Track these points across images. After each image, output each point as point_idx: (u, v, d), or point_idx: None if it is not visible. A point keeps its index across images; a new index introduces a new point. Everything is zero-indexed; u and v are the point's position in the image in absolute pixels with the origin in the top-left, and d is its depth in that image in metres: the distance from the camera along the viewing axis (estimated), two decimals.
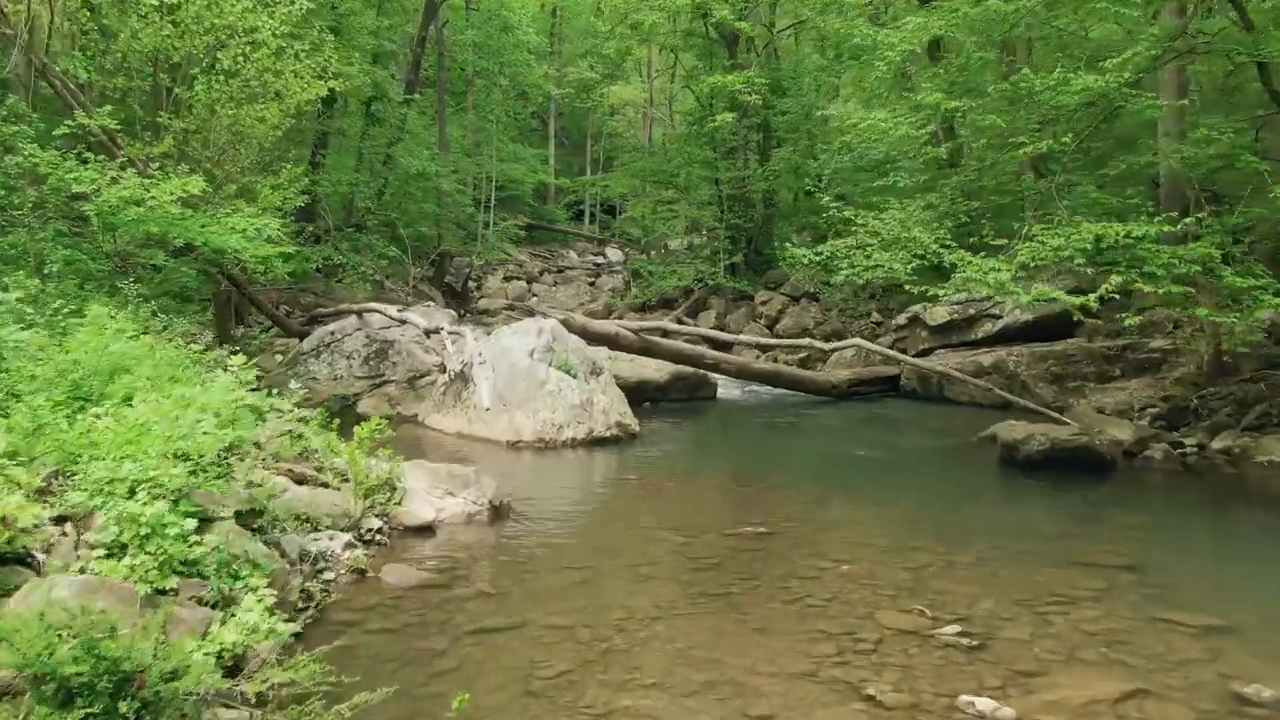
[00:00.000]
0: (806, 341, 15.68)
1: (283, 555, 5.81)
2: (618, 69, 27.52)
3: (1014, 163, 11.23)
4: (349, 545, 6.93)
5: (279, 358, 15.54)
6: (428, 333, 12.89)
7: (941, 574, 6.73)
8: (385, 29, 28.89)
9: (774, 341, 16.42)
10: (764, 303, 22.78)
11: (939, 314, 16.44)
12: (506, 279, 35.83)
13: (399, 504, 8.02)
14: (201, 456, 5.52)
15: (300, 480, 7.42)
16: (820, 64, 20.07)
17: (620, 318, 24.02)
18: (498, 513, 8.35)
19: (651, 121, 35.67)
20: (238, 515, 5.69)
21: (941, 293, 10.64)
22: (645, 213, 25.78)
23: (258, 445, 7.65)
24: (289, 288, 21.29)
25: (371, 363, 14.16)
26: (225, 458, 5.97)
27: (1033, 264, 9.39)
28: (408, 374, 14.06)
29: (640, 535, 7.76)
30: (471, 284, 34.57)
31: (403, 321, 13.88)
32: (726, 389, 16.31)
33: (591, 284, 35.22)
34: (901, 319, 17.19)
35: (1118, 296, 9.66)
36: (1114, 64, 8.88)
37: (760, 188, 22.90)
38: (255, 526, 5.82)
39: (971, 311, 16.17)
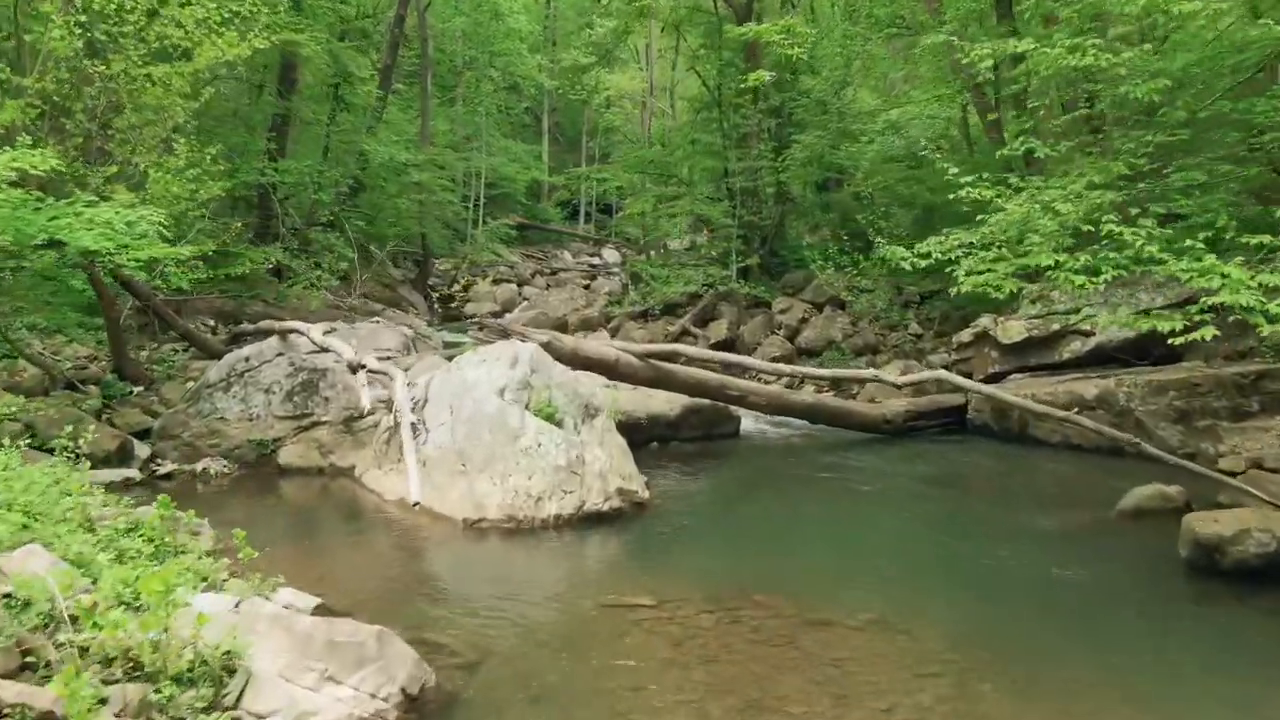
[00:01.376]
0: (871, 374, 11.81)
1: None
2: (614, 49, 23.67)
3: (1272, 110, 7.45)
4: None
5: (192, 385, 11.72)
6: (352, 368, 9.07)
7: None
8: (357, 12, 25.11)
9: (823, 372, 12.46)
10: (783, 311, 18.98)
11: (1013, 330, 12.65)
12: (496, 282, 31.99)
13: (233, 709, 4.24)
14: None
15: None
16: (851, 32, 16.35)
17: (618, 329, 20.23)
18: (414, 707, 4.60)
19: (651, 114, 31.79)
20: None
21: (1209, 333, 6.78)
22: (645, 209, 21.95)
23: None
24: (237, 296, 17.49)
25: (297, 398, 10.36)
26: None
27: None
28: (344, 412, 10.26)
29: None
30: (458, 287, 30.85)
31: (324, 349, 10.05)
32: (751, 422, 12.54)
33: (587, 287, 31.42)
34: (965, 335, 13.38)
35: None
36: None
37: (777, 180, 19.06)
38: None
39: (1055, 326, 12.41)
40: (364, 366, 8.80)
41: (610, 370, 10.60)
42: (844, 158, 18.92)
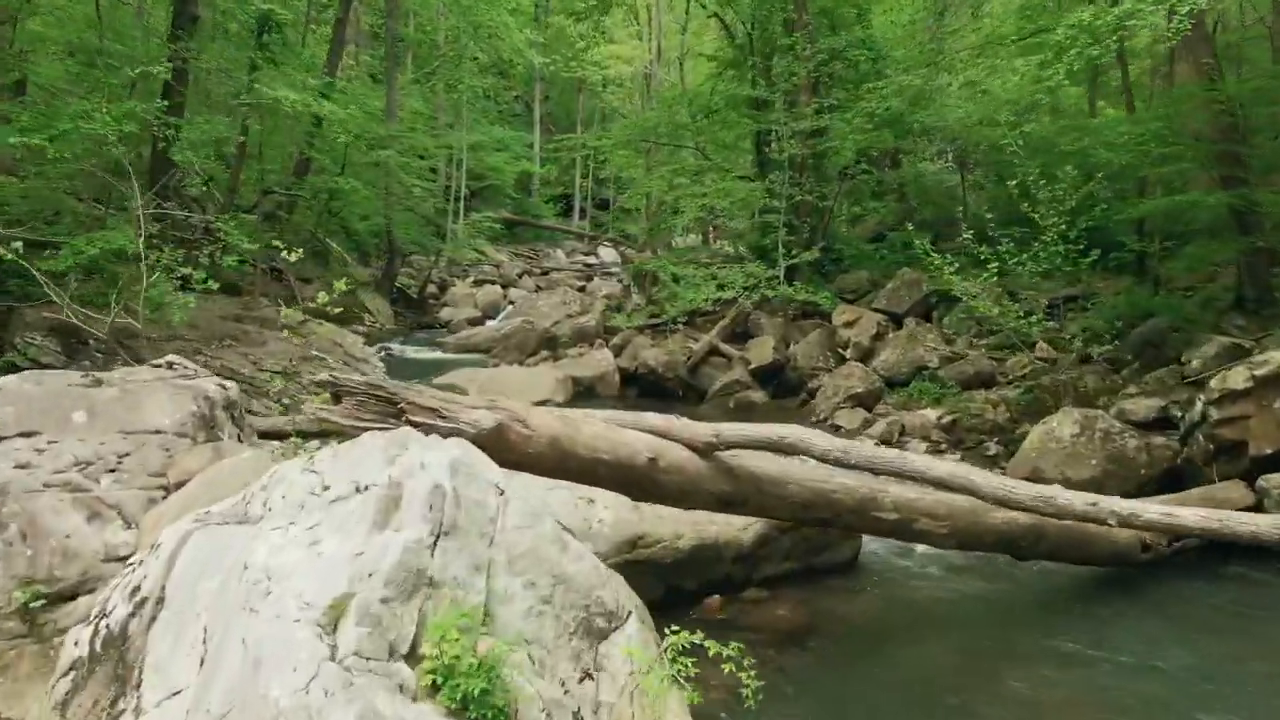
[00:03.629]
0: None
1: None
2: None
3: None
4: None
5: None
6: None
7: None
8: None
9: None
10: (849, 323, 12.89)
11: None
12: (477, 283, 25.82)
13: None
14: None
15: None
16: None
17: (624, 346, 14.08)
18: None
19: (657, 91, 25.50)
20: None
21: None
22: (659, 191, 15.72)
23: None
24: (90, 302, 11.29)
25: None
26: None
27: None
28: (25, 586, 4.08)
29: None
30: (433, 288, 24.64)
31: None
32: (871, 543, 6.44)
33: (582, 289, 25.32)
34: (1236, 378, 7.18)
35: None
36: None
37: (843, 146, 12.91)
38: None
39: None
40: None
41: (639, 480, 4.44)
42: (928, 116, 12.78)
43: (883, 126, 12.41)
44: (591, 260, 31.24)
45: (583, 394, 13.29)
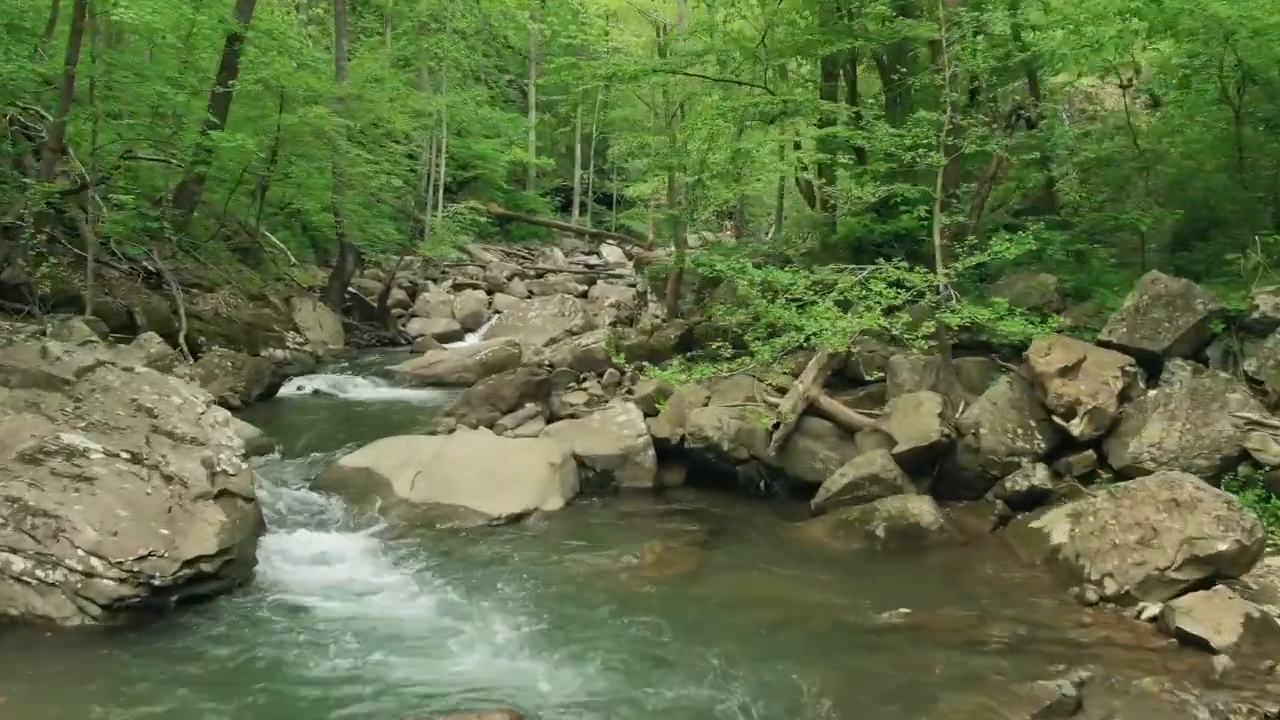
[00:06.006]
0: None
1: None
2: None
3: None
4: None
5: None
6: None
7: None
8: None
9: None
10: (1062, 371, 6.61)
11: None
12: (457, 287, 19.49)
13: None
14: None
15: None
16: None
17: (656, 406, 7.82)
18: None
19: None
20: None
21: None
22: (699, 147, 9.32)
23: None
24: None
25: None
26: None
27: None
28: None
29: None
30: (401, 294, 18.38)
31: None
32: None
33: (583, 295, 19.04)
34: None
35: None
36: None
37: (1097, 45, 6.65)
38: None
39: None
40: None
41: None
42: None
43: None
44: (594, 260, 25.09)
45: (593, 485, 7.10)
